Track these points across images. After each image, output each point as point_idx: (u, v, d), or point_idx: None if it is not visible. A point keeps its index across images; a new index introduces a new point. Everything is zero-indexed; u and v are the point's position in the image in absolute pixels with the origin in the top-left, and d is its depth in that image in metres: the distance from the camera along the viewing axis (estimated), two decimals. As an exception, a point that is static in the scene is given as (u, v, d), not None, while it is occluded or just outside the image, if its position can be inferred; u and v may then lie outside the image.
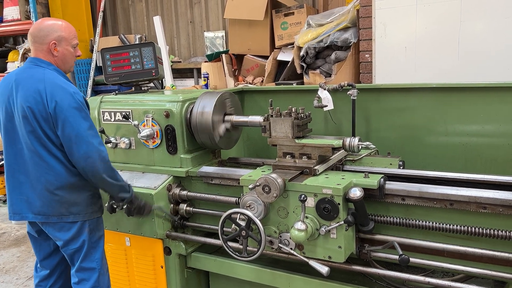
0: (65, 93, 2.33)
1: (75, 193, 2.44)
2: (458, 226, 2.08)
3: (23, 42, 7.38)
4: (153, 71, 3.07)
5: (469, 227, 2.06)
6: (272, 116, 2.48)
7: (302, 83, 4.63)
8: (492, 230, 2.01)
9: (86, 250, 2.51)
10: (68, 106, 2.30)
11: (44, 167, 2.38)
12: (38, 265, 2.72)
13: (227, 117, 2.79)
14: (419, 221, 2.16)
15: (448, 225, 2.10)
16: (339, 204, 2.12)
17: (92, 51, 6.92)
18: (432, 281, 2.16)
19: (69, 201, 2.43)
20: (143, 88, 3.20)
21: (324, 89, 2.96)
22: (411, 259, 2.14)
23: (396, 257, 2.13)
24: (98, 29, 6.87)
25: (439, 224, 2.11)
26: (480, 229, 2.04)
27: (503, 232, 1.99)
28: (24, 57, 6.71)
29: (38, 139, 2.35)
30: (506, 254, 2.03)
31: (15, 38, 7.78)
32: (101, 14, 6.95)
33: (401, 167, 2.53)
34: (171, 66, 6.51)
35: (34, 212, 2.44)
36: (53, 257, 2.66)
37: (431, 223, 2.13)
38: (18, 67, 6.82)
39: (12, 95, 2.39)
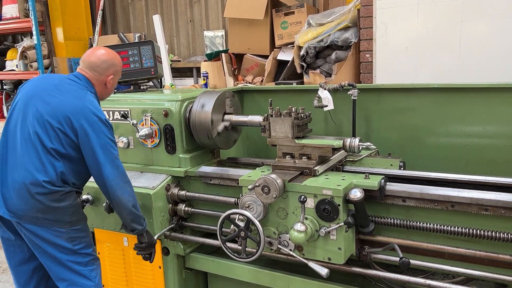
0: (99, 119, 2.32)
1: (56, 202, 2.32)
2: (459, 228, 2.06)
3: (22, 40, 7.35)
4: (152, 70, 3.05)
5: (471, 229, 2.04)
6: (271, 116, 2.46)
7: (302, 83, 4.61)
8: (493, 232, 2.00)
9: (67, 258, 2.38)
10: (99, 134, 2.30)
11: (39, 171, 2.28)
12: (13, 276, 2.57)
13: (226, 117, 2.77)
14: (419, 222, 2.15)
15: (449, 227, 2.08)
16: (339, 205, 2.10)
17: (91, 49, 6.88)
18: (433, 283, 2.14)
19: (44, 207, 2.30)
20: (142, 87, 3.18)
21: (324, 89, 2.94)
22: (412, 261, 2.12)
23: (396, 259, 2.11)
24: (97, 28, 6.84)
25: (440, 226, 2.10)
26: (482, 231, 2.02)
27: (505, 234, 1.97)
28: (23, 55, 6.69)
29: (42, 144, 2.29)
30: (508, 257, 2.01)
31: (13, 36, 7.75)
32: (100, 12, 6.93)
33: (402, 168, 2.51)
34: (171, 65, 6.49)
35: (10, 210, 2.32)
36: (28, 264, 2.51)
37: (432, 225, 2.12)
38: (16, 65, 6.81)
39: (44, 94, 2.35)
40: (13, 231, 2.45)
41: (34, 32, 6.36)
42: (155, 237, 2.65)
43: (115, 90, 3.10)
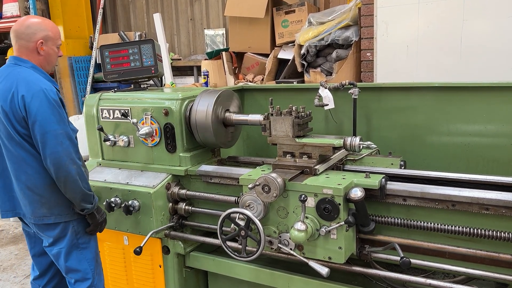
0: (36, 89, 2.26)
1: (56, 193, 2.37)
2: (460, 228, 2.05)
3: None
4: (153, 68, 3.04)
5: (471, 229, 2.03)
6: (272, 114, 2.45)
7: (303, 82, 4.60)
8: (494, 232, 1.99)
9: (71, 250, 2.46)
10: (39, 104, 2.23)
11: (23, 165, 2.33)
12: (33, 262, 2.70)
13: (227, 115, 2.77)
14: (420, 222, 2.14)
15: (450, 226, 2.07)
16: (339, 204, 2.10)
17: (91, 48, 6.88)
18: (433, 282, 2.14)
19: (50, 201, 2.37)
20: (142, 86, 3.18)
21: (325, 88, 2.94)
22: (412, 260, 2.11)
23: (397, 258, 2.11)
24: (98, 26, 6.83)
25: (441, 225, 2.09)
26: (483, 230, 2.02)
27: (506, 233, 1.97)
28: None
29: (12, 139, 2.31)
30: (509, 256, 2.00)
31: (14, 34, 7.74)
32: (101, 11, 6.92)
33: (403, 167, 2.51)
34: (171, 63, 6.49)
35: (22, 210, 2.44)
36: (46, 256, 2.61)
37: (432, 224, 2.11)
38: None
39: None
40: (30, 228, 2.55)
41: (34, 31, 6.35)
42: (152, 234, 2.64)
43: (115, 89, 3.10)
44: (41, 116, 2.24)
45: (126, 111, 2.81)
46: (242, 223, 2.24)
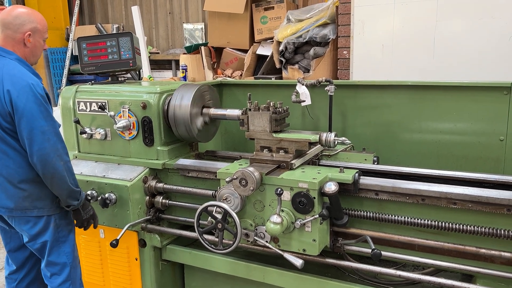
0: (23, 84, 2.21)
1: (39, 187, 2.35)
2: (429, 221, 2.13)
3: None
4: (131, 61, 3.03)
5: (440, 222, 2.11)
6: (250, 110, 2.48)
7: (281, 78, 4.65)
8: (461, 225, 2.07)
9: (53, 244, 2.45)
10: (26, 100, 2.19)
11: (4, 159, 2.29)
12: (9, 257, 2.67)
13: (205, 110, 2.79)
14: (391, 215, 2.21)
15: (419, 220, 2.15)
16: (314, 198, 2.15)
17: (68, 39, 6.78)
18: (403, 274, 2.22)
19: (32, 195, 2.35)
20: (120, 79, 3.16)
21: (302, 84, 2.98)
22: (383, 253, 2.18)
23: (369, 250, 2.17)
24: (75, 18, 6.73)
25: (411, 218, 2.16)
26: (450, 224, 2.09)
27: (471, 227, 2.05)
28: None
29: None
30: (474, 248, 2.09)
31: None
32: (78, 2, 6.82)
33: (376, 163, 2.58)
34: (149, 57, 6.45)
35: None
36: (23, 250, 2.60)
37: (403, 217, 2.18)
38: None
39: None
40: (6, 223, 2.51)
41: (8, 20, 6.20)
42: (129, 227, 2.65)
43: (92, 81, 3.08)
44: (28, 112, 2.19)
45: (104, 103, 2.80)
46: (219, 216, 2.27)
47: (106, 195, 2.67)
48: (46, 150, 2.23)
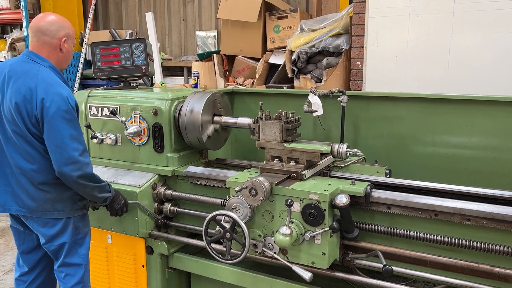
0: (57, 95, 2.25)
1: (60, 190, 2.38)
2: (442, 237, 2.08)
3: (11, 31, 7.26)
4: (143, 67, 3.04)
5: (453, 238, 2.07)
6: (261, 118, 2.46)
7: (293, 87, 4.63)
8: (475, 242, 2.03)
9: (70, 246, 2.46)
10: (57, 110, 2.23)
11: (30, 161, 2.33)
12: (20, 259, 2.66)
13: (216, 118, 2.77)
14: (403, 230, 2.17)
15: (432, 235, 2.10)
16: (325, 210, 2.12)
17: (81, 44, 6.84)
18: (414, 290, 2.17)
19: (54, 197, 2.38)
20: (132, 84, 3.17)
21: (315, 94, 2.96)
22: (394, 268, 2.14)
23: (379, 265, 2.13)
24: (89, 23, 6.80)
25: (423, 234, 2.12)
26: (463, 240, 2.05)
27: (486, 244, 2.01)
28: (12, 46, 6.61)
29: (21, 135, 2.30)
30: (488, 266, 2.04)
31: (3, 27, 7.65)
32: (92, 7, 6.89)
33: (388, 176, 2.54)
34: (162, 63, 6.48)
35: (19, 205, 2.40)
36: (35, 252, 2.60)
37: (415, 232, 2.14)
38: (4, 57, 6.72)
39: (3, 87, 2.33)
40: (22, 224, 2.53)
41: (24, 24, 6.29)
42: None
43: (104, 86, 3.08)
44: (57, 125, 2.24)
45: (115, 109, 2.80)
46: (227, 225, 2.24)
47: (115, 201, 2.66)
48: (72, 159, 2.27)
